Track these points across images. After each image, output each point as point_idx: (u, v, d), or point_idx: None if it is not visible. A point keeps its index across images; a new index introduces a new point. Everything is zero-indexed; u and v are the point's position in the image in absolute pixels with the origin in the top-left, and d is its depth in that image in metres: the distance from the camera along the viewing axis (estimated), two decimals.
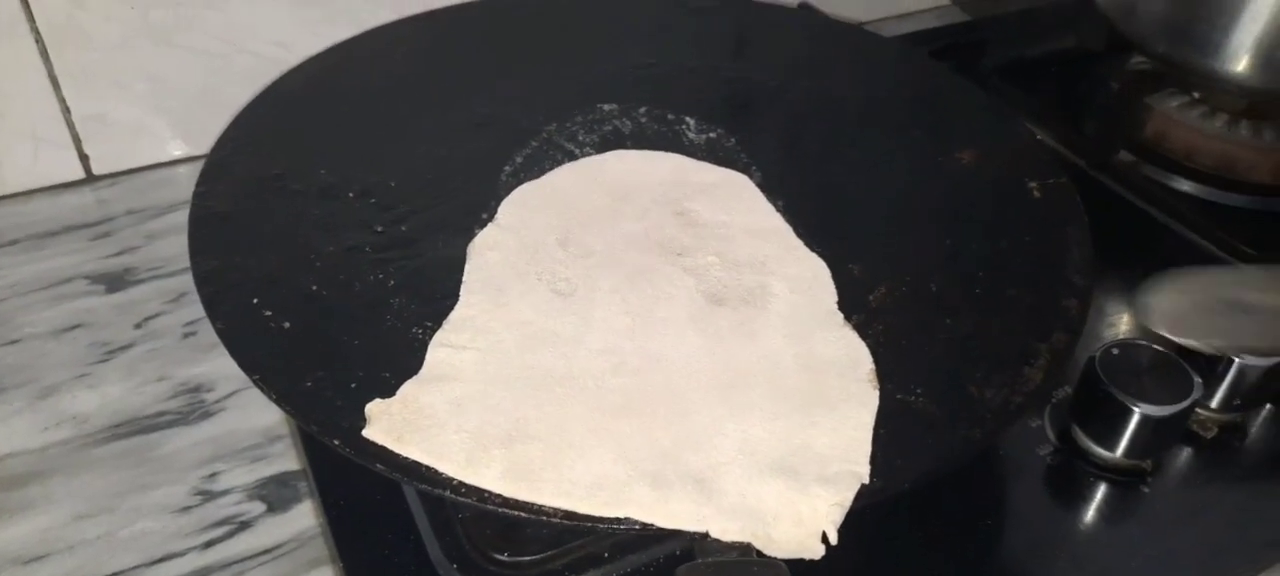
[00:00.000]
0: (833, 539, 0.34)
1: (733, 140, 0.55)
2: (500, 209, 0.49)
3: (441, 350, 0.41)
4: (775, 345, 0.42)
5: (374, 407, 0.37)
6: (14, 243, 0.60)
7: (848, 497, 0.35)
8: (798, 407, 0.39)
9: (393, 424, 0.37)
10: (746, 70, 0.62)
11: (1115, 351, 0.46)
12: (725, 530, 0.34)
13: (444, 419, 0.37)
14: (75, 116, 0.63)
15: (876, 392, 0.40)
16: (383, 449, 0.36)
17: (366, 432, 0.37)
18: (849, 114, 0.58)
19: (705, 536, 0.34)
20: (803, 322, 0.43)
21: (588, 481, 0.36)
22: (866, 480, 0.36)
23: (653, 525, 0.34)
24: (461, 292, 0.44)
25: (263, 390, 0.38)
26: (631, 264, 0.46)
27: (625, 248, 0.47)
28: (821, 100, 0.59)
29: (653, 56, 0.62)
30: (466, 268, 0.45)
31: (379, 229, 0.47)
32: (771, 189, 0.51)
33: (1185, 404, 0.45)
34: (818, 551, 0.34)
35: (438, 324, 0.42)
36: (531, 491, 0.35)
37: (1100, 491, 0.47)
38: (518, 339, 0.42)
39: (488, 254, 0.46)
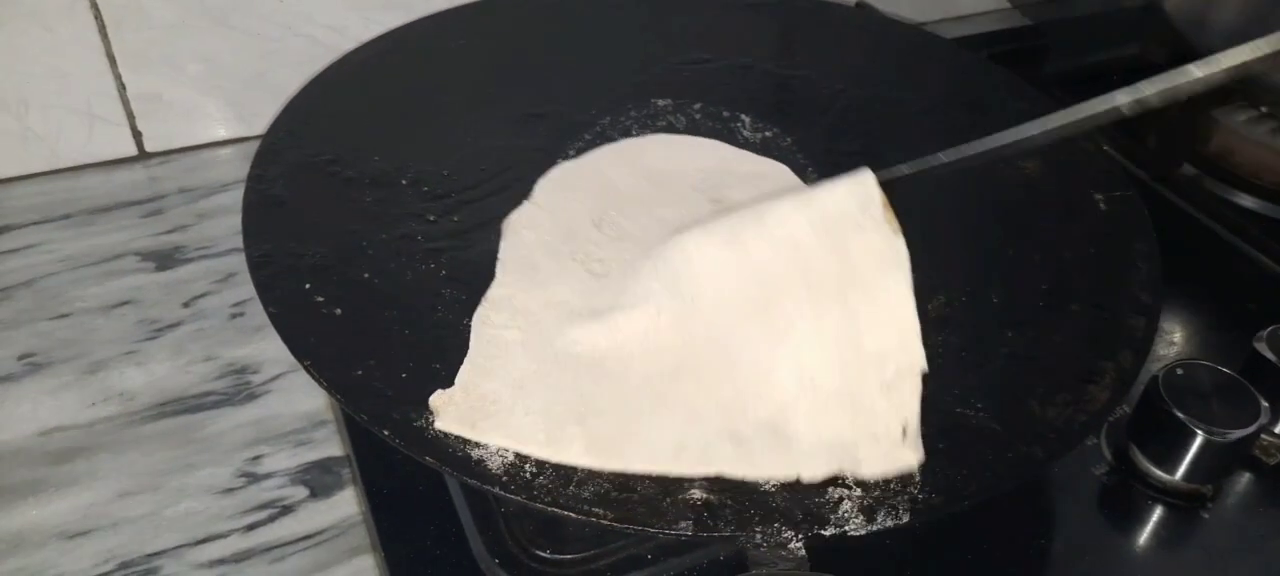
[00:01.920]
0: (914, 438, 0.35)
1: (789, 140, 0.54)
2: (536, 186, 0.49)
3: (486, 330, 0.40)
4: (793, 225, 0.40)
5: (438, 400, 0.37)
6: (67, 217, 0.61)
7: (914, 399, 0.36)
8: (834, 296, 0.38)
9: (462, 412, 0.37)
10: (802, 69, 0.61)
11: (1179, 371, 0.45)
12: (815, 471, 0.35)
13: (510, 402, 0.37)
14: (130, 94, 0.64)
15: (899, 235, 0.39)
16: (435, 441, 0.36)
17: (439, 424, 0.36)
18: (907, 117, 0.57)
19: (752, 545, 0.33)
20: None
21: (670, 445, 0.36)
22: (925, 367, 0.37)
23: (745, 480, 0.35)
24: (497, 270, 0.44)
25: (313, 376, 0.38)
26: None
27: (660, 232, 0.46)
28: (879, 102, 0.58)
29: (708, 53, 0.61)
30: (501, 245, 0.45)
31: (431, 218, 0.47)
32: None
33: (1252, 428, 0.43)
34: (910, 461, 0.35)
35: None
36: (620, 461, 0.35)
37: (1157, 514, 0.45)
38: (556, 319, 0.41)
39: (523, 232, 0.46)
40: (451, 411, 0.37)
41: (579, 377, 0.38)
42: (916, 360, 0.36)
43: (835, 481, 0.35)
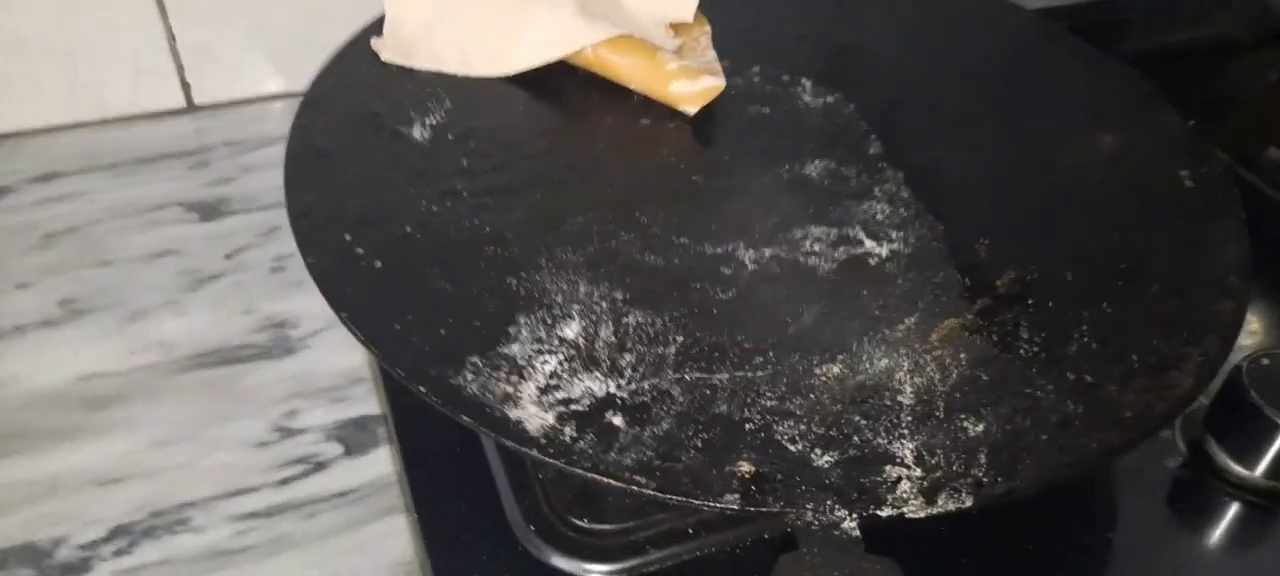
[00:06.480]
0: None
1: (851, 106, 0.52)
2: None
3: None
4: None
5: (376, 43, 0.51)
6: (113, 166, 0.60)
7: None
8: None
9: (397, 49, 0.50)
10: (863, 34, 0.59)
11: (1265, 361, 0.42)
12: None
13: (428, 40, 0.51)
14: (180, 46, 0.63)
15: None
16: (473, 401, 0.34)
17: (384, 57, 0.50)
18: (977, 86, 0.54)
19: (802, 521, 0.31)
20: None
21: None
22: None
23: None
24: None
25: (350, 329, 0.36)
26: None
27: None
28: (948, 70, 0.55)
29: (759, 18, 0.59)
30: None
31: (477, 173, 0.45)
32: (891, 159, 0.48)
33: None
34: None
35: (530, 275, 0.40)
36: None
37: (1233, 512, 0.42)
38: None
39: None
40: (387, 50, 0.51)
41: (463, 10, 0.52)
42: None
43: (891, 459, 0.33)
